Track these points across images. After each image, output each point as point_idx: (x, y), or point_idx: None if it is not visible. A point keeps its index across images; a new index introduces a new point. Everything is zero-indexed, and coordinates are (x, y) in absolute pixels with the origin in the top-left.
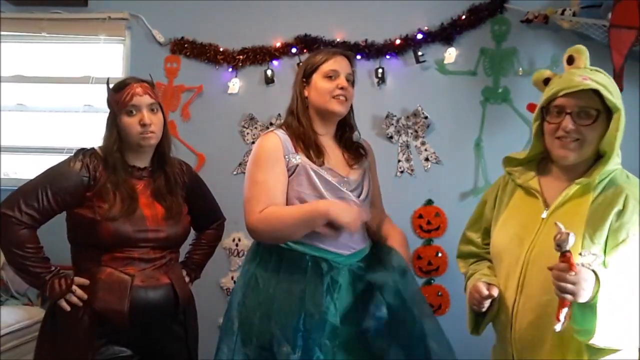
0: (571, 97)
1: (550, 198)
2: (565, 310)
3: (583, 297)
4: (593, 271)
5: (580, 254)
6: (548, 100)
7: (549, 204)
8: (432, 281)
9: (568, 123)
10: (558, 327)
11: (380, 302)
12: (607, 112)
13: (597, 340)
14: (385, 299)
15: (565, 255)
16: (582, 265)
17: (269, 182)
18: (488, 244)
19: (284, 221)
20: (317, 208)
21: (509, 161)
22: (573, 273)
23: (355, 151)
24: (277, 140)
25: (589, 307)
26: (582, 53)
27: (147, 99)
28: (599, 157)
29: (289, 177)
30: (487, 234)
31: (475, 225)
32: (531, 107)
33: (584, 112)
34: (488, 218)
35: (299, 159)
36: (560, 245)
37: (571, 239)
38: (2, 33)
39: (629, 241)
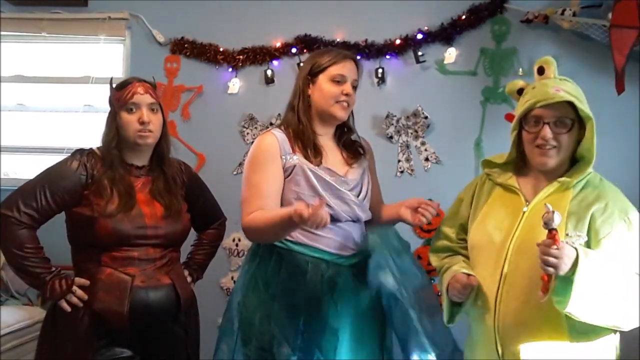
0: (548, 108)
1: (530, 195)
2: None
3: (564, 271)
4: (575, 249)
5: (567, 234)
6: (526, 111)
7: (529, 200)
8: (432, 281)
9: (547, 132)
10: (542, 299)
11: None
12: (578, 119)
13: (572, 309)
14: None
15: (551, 233)
16: (567, 243)
17: (262, 184)
18: (462, 239)
19: (263, 225)
20: (286, 212)
21: (487, 164)
22: (555, 247)
23: (354, 151)
24: (274, 141)
25: (569, 280)
26: (551, 64)
27: (147, 98)
28: (573, 162)
29: (286, 178)
30: (462, 229)
31: (450, 222)
32: (509, 117)
33: (560, 121)
34: (464, 215)
35: (297, 159)
36: (547, 223)
37: (557, 218)
38: (2, 33)
39: (614, 233)
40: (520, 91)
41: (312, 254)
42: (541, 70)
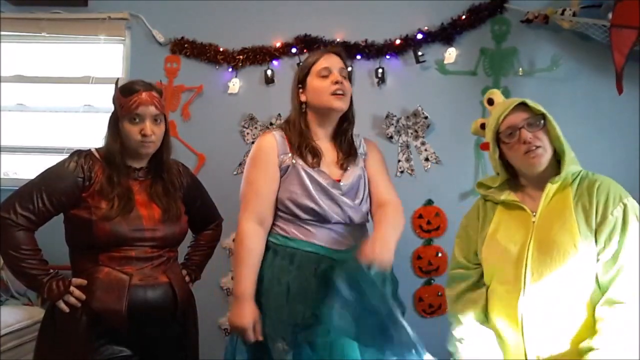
0: (513, 115)
1: (533, 206)
2: None
3: None
4: None
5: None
6: (496, 129)
7: (534, 210)
8: (432, 281)
9: (526, 134)
10: None
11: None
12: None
13: None
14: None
15: None
16: None
17: (261, 183)
18: (477, 264)
19: (238, 257)
20: (243, 291)
21: (480, 186)
22: None
23: (349, 152)
24: (273, 141)
25: None
26: (496, 93)
27: (152, 110)
28: (558, 164)
29: (282, 176)
30: (475, 254)
31: (462, 249)
32: (485, 146)
33: (531, 121)
34: (473, 239)
35: (293, 159)
36: None
37: None
38: (2, 33)
39: (611, 219)
40: (482, 126)
41: (306, 248)
42: (491, 101)
